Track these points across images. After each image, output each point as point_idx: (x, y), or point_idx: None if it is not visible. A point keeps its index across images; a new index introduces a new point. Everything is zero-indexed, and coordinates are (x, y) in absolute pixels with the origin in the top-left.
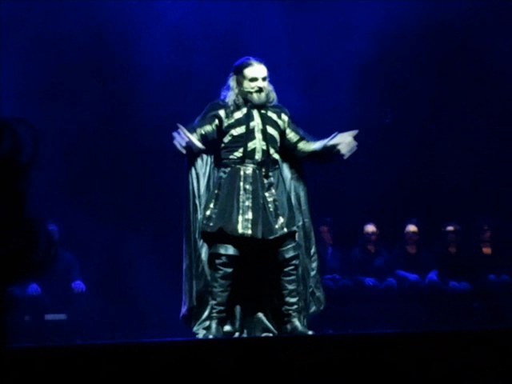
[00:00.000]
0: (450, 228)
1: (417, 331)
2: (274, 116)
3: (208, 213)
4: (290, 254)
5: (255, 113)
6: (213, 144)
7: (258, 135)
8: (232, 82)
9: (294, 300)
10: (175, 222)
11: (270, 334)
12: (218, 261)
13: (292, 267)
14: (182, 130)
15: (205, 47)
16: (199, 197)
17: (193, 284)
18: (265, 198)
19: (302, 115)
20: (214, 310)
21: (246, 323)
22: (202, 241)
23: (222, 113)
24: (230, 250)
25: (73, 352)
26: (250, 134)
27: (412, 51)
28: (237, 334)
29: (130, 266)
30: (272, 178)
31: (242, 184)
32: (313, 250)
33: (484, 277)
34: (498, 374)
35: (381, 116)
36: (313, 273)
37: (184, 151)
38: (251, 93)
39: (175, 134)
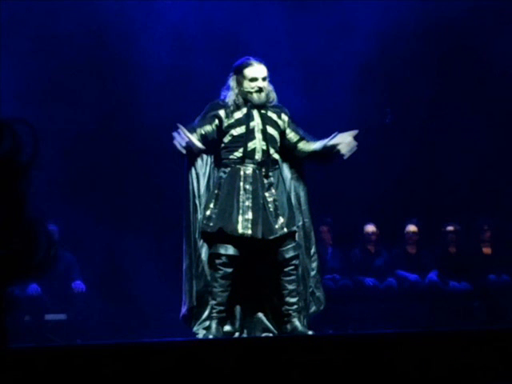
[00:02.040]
0: (450, 228)
1: (417, 331)
2: (274, 116)
3: (208, 213)
4: (290, 253)
5: (255, 113)
6: (213, 144)
7: (258, 135)
8: (232, 82)
9: (294, 300)
10: (175, 221)
11: (270, 334)
12: (218, 261)
13: (292, 267)
14: (182, 130)
15: (205, 47)
16: (199, 197)
17: (193, 284)
18: (265, 198)
19: (302, 115)
20: (214, 310)
21: (246, 323)
22: (202, 241)
23: (222, 113)
24: (230, 250)
25: (73, 352)
26: (249, 134)
27: (412, 51)
28: (237, 334)
29: (130, 265)
30: (272, 178)
31: (242, 184)
32: (313, 250)
33: (484, 277)
34: (497, 374)
35: (381, 116)
36: (313, 273)
37: (184, 151)
38: (251, 93)
39: (175, 134)
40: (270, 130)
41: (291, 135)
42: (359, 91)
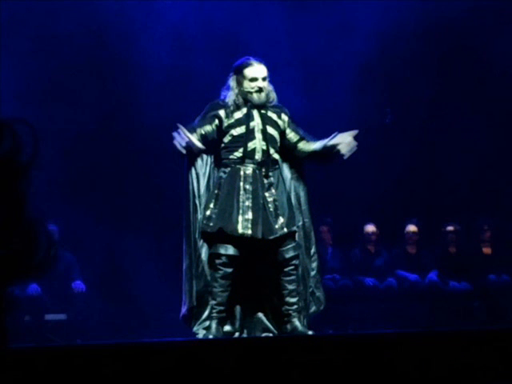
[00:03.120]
0: (450, 228)
1: (417, 331)
2: (274, 116)
3: (208, 213)
4: (290, 253)
5: (255, 113)
6: (213, 144)
7: (258, 135)
8: (232, 82)
9: (293, 300)
10: (175, 221)
11: (270, 334)
12: (218, 261)
13: (292, 267)
14: (182, 129)
15: (205, 47)
16: (199, 197)
17: (193, 284)
18: (265, 198)
19: (302, 115)
20: (214, 310)
21: (246, 323)
22: (202, 241)
23: (222, 113)
24: (230, 250)
25: (73, 352)
26: (249, 134)
27: (412, 51)
28: (237, 334)
29: (130, 265)
30: (272, 178)
31: (242, 184)
32: (313, 250)
33: (484, 277)
34: (497, 374)
35: (381, 116)
36: (313, 273)
37: (184, 151)
38: (251, 93)
39: (175, 134)
40: (270, 130)
41: (291, 135)
42: (359, 91)
